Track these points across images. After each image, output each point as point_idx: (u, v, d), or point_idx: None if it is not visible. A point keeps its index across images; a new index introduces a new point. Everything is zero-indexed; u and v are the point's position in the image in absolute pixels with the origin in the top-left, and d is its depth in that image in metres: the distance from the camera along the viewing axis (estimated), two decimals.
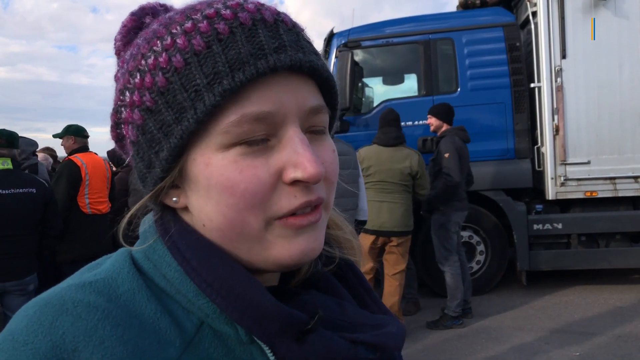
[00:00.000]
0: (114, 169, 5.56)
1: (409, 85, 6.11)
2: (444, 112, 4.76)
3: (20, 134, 3.76)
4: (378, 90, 6.35)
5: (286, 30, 0.50)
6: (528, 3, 5.39)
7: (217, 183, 0.48)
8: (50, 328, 0.43)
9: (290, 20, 0.52)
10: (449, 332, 4.60)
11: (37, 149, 5.41)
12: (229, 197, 0.47)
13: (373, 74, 6.15)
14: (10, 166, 3.48)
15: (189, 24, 0.48)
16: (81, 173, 4.20)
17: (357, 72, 5.68)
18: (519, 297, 5.44)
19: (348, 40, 5.72)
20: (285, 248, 0.50)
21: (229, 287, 0.47)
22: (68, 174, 4.16)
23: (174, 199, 0.52)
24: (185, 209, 0.53)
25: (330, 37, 5.93)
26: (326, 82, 0.53)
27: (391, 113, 4.63)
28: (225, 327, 0.50)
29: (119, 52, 0.56)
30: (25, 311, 0.45)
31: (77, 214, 4.17)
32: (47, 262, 4.00)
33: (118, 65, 0.55)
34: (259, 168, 0.47)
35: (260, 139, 0.48)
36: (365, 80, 6.06)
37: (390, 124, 4.51)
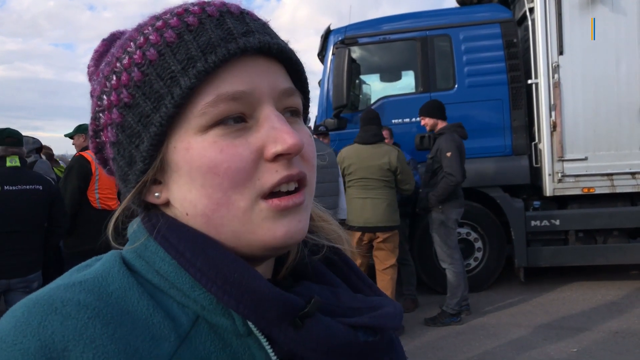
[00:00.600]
0: None
1: (407, 82, 6.11)
2: (435, 109, 4.75)
3: None
4: (375, 87, 6.34)
5: (252, 20, 0.53)
6: None
7: (199, 165, 0.48)
8: (39, 328, 0.42)
9: (255, 14, 0.55)
10: (447, 329, 4.61)
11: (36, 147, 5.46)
12: (212, 177, 0.48)
13: (370, 70, 6.14)
14: (18, 164, 3.56)
15: (159, 23, 0.51)
16: (91, 167, 4.25)
17: (354, 69, 5.68)
18: (517, 294, 5.45)
19: (345, 37, 5.72)
20: (270, 230, 0.50)
21: (224, 275, 0.47)
22: (78, 168, 4.22)
23: (156, 194, 0.53)
24: (167, 204, 0.53)
25: (327, 34, 5.93)
26: (295, 67, 0.56)
27: (371, 113, 4.72)
28: (222, 318, 0.50)
29: (91, 77, 0.58)
30: (13, 312, 0.44)
31: (87, 209, 4.21)
32: (51, 260, 4.02)
33: (94, 80, 0.56)
34: (239, 147, 0.49)
35: (237, 120, 0.50)
36: (362, 77, 6.05)
37: (370, 122, 4.58)
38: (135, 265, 0.52)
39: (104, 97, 0.52)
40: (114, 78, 0.51)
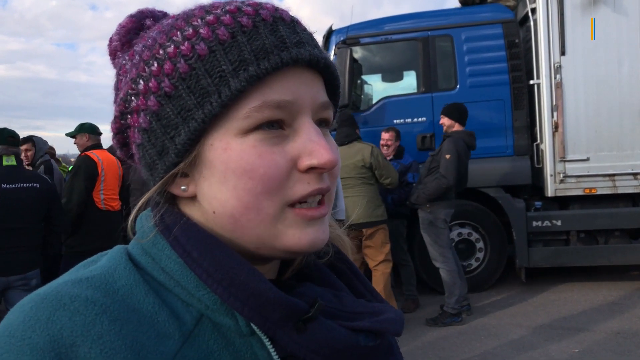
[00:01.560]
0: None
1: (408, 82, 6.11)
2: (456, 112, 4.74)
3: (19, 132, 3.96)
4: (377, 87, 6.34)
5: (301, 30, 0.54)
6: (527, 0, 5.39)
7: (236, 167, 0.49)
8: (48, 323, 0.42)
9: (303, 23, 0.56)
10: (448, 329, 4.61)
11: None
12: (247, 180, 0.49)
13: (372, 71, 6.14)
14: (14, 162, 3.62)
15: (211, 17, 0.50)
16: (97, 169, 4.28)
17: (356, 69, 5.68)
18: (518, 294, 5.45)
19: (347, 37, 5.72)
20: (296, 237, 0.51)
21: (230, 276, 0.48)
22: (85, 169, 4.24)
23: (183, 187, 0.53)
24: (192, 199, 0.53)
25: (329, 34, 5.92)
26: (334, 81, 0.57)
27: (343, 115, 4.81)
28: (226, 318, 0.50)
29: (114, 52, 0.57)
30: (21, 307, 0.45)
31: (92, 209, 4.26)
32: (51, 259, 4.05)
33: (125, 60, 0.55)
34: (277, 154, 0.50)
35: (276, 126, 0.50)
36: (364, 77, 6.05)
37: (342, 124, 4.67)
38: (141, 261, 0.52)
39: (141, 81, 0.51)
40: (155, 64, 0.50)
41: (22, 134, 4.75)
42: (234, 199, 0.50)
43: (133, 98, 0.52)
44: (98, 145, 4.62)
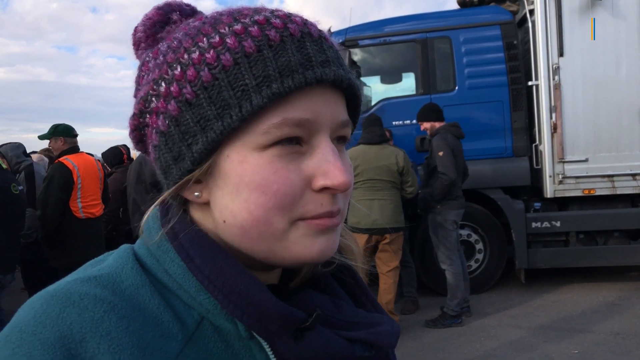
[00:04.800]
0: (109, 170, 5.55)
1: (407, 84, 6.11)
2: (430, 112, 4.79)
3: (19, 135, 4.02)
4: (376, 89, 6.35)
5: (328, 47, 0.53)
6: (525, 1, 5.40)
7: (250, 181, 0.49)
8: (58, 319, 0.43)
9: (330, 38, 0.55)
10: (448, 330, 4.61)
11: (32, 150, 5.50)
12: (260, 195, 0.49)
13: (371, 72, 6.15)
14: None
15: (238, 26, 0.49)
16: (73, 176, 4.04)
17: (355, 71, 5.68)
18: (518, 295, 5.45)
19: (345, 39, 5.72)
20: (307, 247, 0.51)
21: (230, 284, 0.49)
22: (59, 178, 4.01)
23: (196, 193, 0.53)
24: (203, 205, 0.54)
25: None
26: (355, 100, 0.57)
27: (373, 115, 4.80)
28: (225, 322, 0.51)
29: (138, 43, 0.57)
30: (31, 304, 0.46)
31: (71, 219, 4.05)
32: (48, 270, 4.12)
33: (149, 57, 0.55)
34: (292, 172, 0.49)
35: (293, 142, 0.50)
36: (363, 79, 6.05)
37: (374, 123, 4.62)
38: (147, 262, 0.53)
39: (163, 83, 0.51)
40: (179, 69, 0.50)
41: (23, 137, 4.74)
42: (245, 212, 0.50)
43: (154, 99, 0.52)
44: (74, 149, 4.33)
